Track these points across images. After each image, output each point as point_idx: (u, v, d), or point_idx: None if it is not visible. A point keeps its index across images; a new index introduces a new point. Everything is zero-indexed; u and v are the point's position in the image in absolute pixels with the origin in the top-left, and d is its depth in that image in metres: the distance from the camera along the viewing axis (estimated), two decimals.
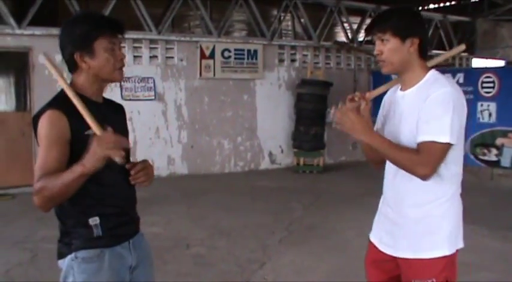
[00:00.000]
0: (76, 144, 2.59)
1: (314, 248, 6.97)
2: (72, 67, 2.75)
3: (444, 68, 14.73)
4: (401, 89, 2.97)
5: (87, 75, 2.73)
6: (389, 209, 3.06)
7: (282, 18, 14.80)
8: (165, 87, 12.44)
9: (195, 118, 12.82)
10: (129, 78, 11.83)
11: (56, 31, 11.07)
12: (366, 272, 3.24)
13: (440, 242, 2.84)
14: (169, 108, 12.50)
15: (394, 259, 2.98)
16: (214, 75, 12.93)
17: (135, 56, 12.10)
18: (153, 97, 12.21)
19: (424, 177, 2.71)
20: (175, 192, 10.37)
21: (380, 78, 14.66)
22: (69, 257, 2.72)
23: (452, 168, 2.81)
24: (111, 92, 11.49)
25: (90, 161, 2.41)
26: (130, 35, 11.91)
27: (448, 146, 2.68)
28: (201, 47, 12.78)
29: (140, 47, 12.19)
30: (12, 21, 10.81)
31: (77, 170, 2.42)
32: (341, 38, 16.38)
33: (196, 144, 12.76)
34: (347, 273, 6.01)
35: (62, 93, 2.70)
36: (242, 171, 13.21)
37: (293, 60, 14.26)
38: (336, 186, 11.48)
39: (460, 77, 12.77)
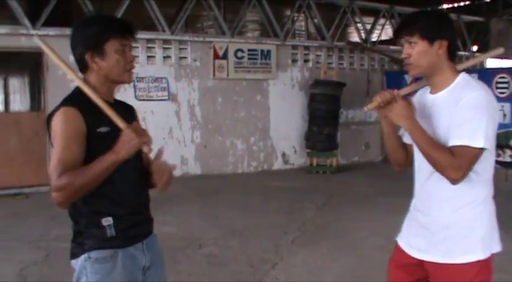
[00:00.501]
0: (90, 141, 2.63)
1: (327, 248, 6.97)
2: (83, 67, 2.78)
3: None
4: (431, 92, 2.93)
5: (98, 75, 2.76)
6: (419, 213, 3.02)
7: (295, 18, 14.79)
8: (179, 87, 12.46)
9: (208, 118, 12.83)
10: (142, 78, 11.86)
11: (69, 32, 11.13)
12: (389, 274, 3.20)
13: (474, 246, 2.79)
14: (182, 109, 12.52)
15: (421, 263, 2.94)
16: (227, 75, 12.94)
17: (148, 56, 12.13)
18: (166, 97, 12.23)
19: (454, 181, 2.67)
20: (188, 192, 10.39)
21: (393, 79, 14.67)
22: (82, 257, 2.72)
23: (485, 171, 2.78)
24: (125, 92, 11.53)
25: (124, 148, 2.50)
26: (143, 35, 11.96)
27: (482, 150, 2.65)
28: (214, 47, 12.79)
29: (154, 47, 12.21)
30: (26, 21, 10.86)
31: (110, 158, 2.50)
32: (354, 38, 16.37)
33: (209, 145, 12.78)
34: (359, 273, 6.01)
35: (76, 91, 2.74)
36: (255, 172, 13.21)
37: (306, 61, 14.24)
38: (348, 186, 11.46)
39: (474, 77, 12.63)
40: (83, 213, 2.73)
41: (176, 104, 12.43)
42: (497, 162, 12.25)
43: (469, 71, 13.55)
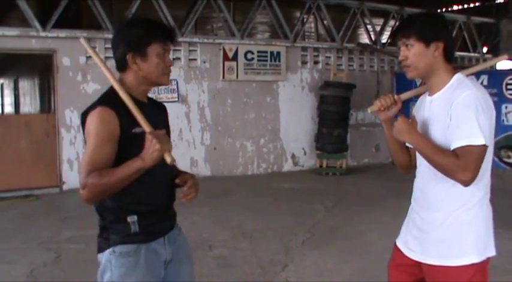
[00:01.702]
0: (123, 141, 2.73)
1: (337, 250, 6.95)
2: (122, 66, 2.86)
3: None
4: (429, 95, 2.95)
5: (136, 75, 2.84)
6: (416, 214, 3.02)
7: (305, 20, 14.78)
8: (188, 89, 12.47)
9: (218, 120, 12.84)
10: None
11: (79, 33, 11.18)
12: (389, 275, 3.21)
13: (468, 249, 2.79)
14: (192, 110, 12.52)
15: (419, 264, 2.95)
16: (237, 77, 12.94)
17: None
18: (176, 99, 12.24)
19: (466, 183, 2.65)
20: (198, 193, 10.38)
21: (403, 81, 14.63)
22: (107, 251, 2.82)
23: (482, 171, 2.75)
24: None
25: (148, 155, 2.57)
26: None
27: (484, 147, 2.65)
28: (224, 49, 12.79)
29: None
30: (36, 23, 10.89)
31: (136, 164, 2.59)
32: (364, 39, 16.35)
33: (219, 146, 12.78)
34: (370, 275, 5.99)
35: (110, 90, 2.83)
36: (265, 173, 13.20)
37: (316, 62, 14.23)
38: (359, 188, 11.43)
39: (484, 78, 12.68)
40: (110, 209, 2.82)
41: (186, 105, 12.44)
42: (507, 164, 12.26)
43: (479, 72, 13.54)
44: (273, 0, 13.44)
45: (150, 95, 3.05)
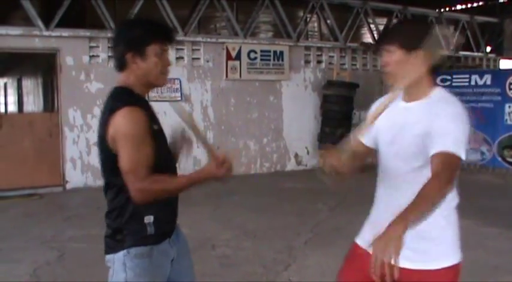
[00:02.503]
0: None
1: (340, 250, 6.91)
2: (122, 65, 2.89)
3: (472, 70, 14.64)
4: (405, 100, 2.91)
5: (135, 75, 2.87)
6: (386, 221, 2.99)
7: (308, 19, 14.77)
8: (191, 88, 12.48)
9: (221, 119, 12.84)
10: None
11: (83, 33, 11.19)
12: (341, 273, 3.23)
13: (449, 251, 2.83)
14: (195, 110, 12.53)
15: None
16: (240, 76, 12.94)
17: None
18: (179, 98, 12.24)
19: (450, 192, 2.62)
20: (200, 193, 10.36)
21: None
22: (121, 252, 2.83)
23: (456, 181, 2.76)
24: None
25: (223, 174, 2.98)
26: None
27: (460, 160, 2.62)
28: (227, 48, 12.80)
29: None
30: (40, 22, 10.91)
31: (193, 180, 2.87)
32: (367, 39, 16.31)
33: (222, 146, 12.76)
34: None
35: (123, 90, 2.89)
36: (268, 173, 13.20)
37: (319, 62, 14.22)
38: (362, 187, 11.36)
39: (488, 78, 12.70)
40: (127, 210, 2.83)
41: (189, 105, 12.43)
42: (510, 163, 12.25)
43: (482, 72, 13.56)
44: None
45: (153, 94, 3.12)
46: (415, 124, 2.78)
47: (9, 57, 14.09)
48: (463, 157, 2.60)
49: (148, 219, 2.82)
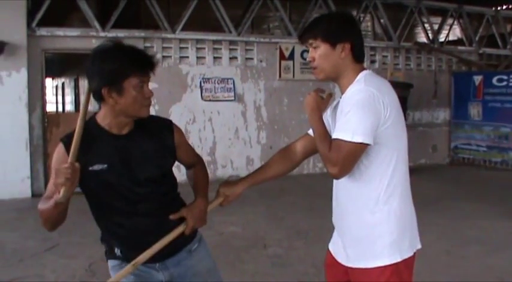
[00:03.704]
0: None
1: None
2: (99, 99, 2.71)
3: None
4: (342, 94, 2.91)
5: (113, 109, 2.69)
6: (337, 215, 3.04)
7: (361, 18, 14.67)
8: (245, 88, 12.54)
9: (274, 119, 12.87)
10: (208, 79, 12.00)
11: (138, 33, 11.36)
12: (325, 274, 3.19)
13: (381, 250, 2.75)
14: (248, 109, 12.59)
15: (345, 268, 2.93)
16: (293, 76, 12.95)
17: (215, 57, 12.26)
18: (232, 98, 12.32)
19: (334, 176, 2.65)
20: (253, 192, 10.38)
21: (461, 80, 14.47)
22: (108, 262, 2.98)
23: (379, 170, 2.73)
24: (192, 93, 11.72)
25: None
26: (210, 36, 12.15)
27: (356, 145, 2.58)
28: (280, 48, 12.82)
29: (220, 48, 12.32)
30: (96, 24, 11.13)
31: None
32: (421, 38, 16.17)
33: (275, 145, 12.79)
34: (424, 277, 5.92)
35: (87, 122, 2.75)
36: (321, 173, 13.15)
37: (373, 62, 14.12)
38: (414, 189, 11.18)
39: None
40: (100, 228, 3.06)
41: (242, 104, 12.50)
42: None
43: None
44: None
45: (206, 94, 3.12)
46: (339, 115, 2.77)
47: (67, 58, 14.40)
48: (349, 139, 2.57)
49: (112, 244, 2.93)
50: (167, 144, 2.90)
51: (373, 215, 2.76)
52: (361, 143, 2.57)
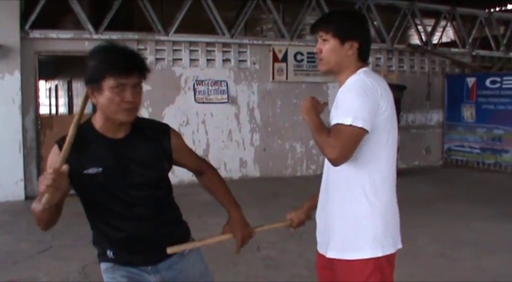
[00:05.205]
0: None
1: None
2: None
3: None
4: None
5: (100, 111, 2.70)
6: (322, 206, 3.07)
7: None
8: (238, 90, 12.54)
9: (268, 121, 12.87)
10: (202, 81, 12.01)
11: (131, 35, 11.36)
12: (317, 275, 3.24)
13: (364, 243, 2.78)
14: (242, 111, 12.60)
15: (331, 261, 2.95)
16: (286, 78, 12.96)
17: (208, 60, 12.26)
18: (226, 100, 12.32)
19: (333, 161, 2.64)
20: (247, 194, 10.43)
21: (455, 82, 14.50)
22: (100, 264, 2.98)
23: (371, 162, 2.77)
24: (185, 96, 11.73)
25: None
26: (203, 38, 12.17)
27: (356, 129, 2.62)
28: (273, 50, 12.84)
29: (213, 51, 12.33)
30: (89, 26, 11.14)
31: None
32: (415, 40, 16.18)
33: (268, 147, 12.81)
34: (418, 280, 5.94)
35: (83, 124, 2.78)
36: (314, 175, 13.16)
37: None
38: (408, 191, 11.30)
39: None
40: (92, 229, 3.09)
41: (235, 106, 12.51)
42: None
43: None
44: (322, 1, 13.42)
45: (200, 96, 3.10)
46: (335, 107, 2.83)
47: (60, 60, 14.38)
48: (349, 123, 2.61)
49: (105, 247, 2.92)
50: (164, 148, 2.87)
51: (359, 207, 2.80)
52: (361, 128, 2.62)
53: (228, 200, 3.12)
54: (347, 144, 2.61)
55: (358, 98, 2.66)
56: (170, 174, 2.97)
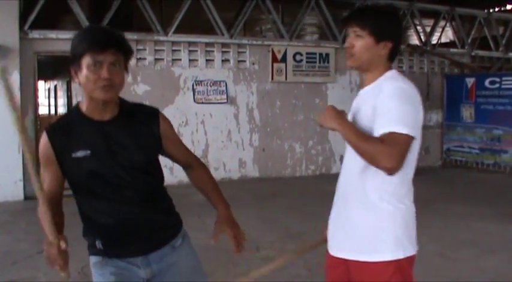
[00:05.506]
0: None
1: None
2: None
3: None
4: (362, 88, 2.98)
5: (83, 91, 2.70)
6: (339, 209, 3.05)
7: None
8: (237, 90, 12.54)
9: (267, 121, 12.87)
10: (201, 81, 12.00)
11: (130, 36, 11.34)
12: (326, 275, 3.22)
13: (385, 245, 2.77)
14: (241, 112, 12.59)
15: (346, 262, 2.93)
16: (286, 78, 12.95)
17: (207, 60, 12.26)
18: (225, 100, 12.32)
19: (391, 170, 2.56)
20: (246, 194, 10.43)
21: (454, 82, 14.49)
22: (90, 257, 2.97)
23: (403, 168, 2.71)
24: (184, 96, 11.72)
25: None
26: (202, 39, 12.16)
27: (409, 138, 2.59)
28: (272, 50, 12.83)
29: (212, 51, 12.32)
30: None
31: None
32: (414, 41, 16.18)
33: (267, 148, 12.81)
34: (418, 279, 5.92)
35: (73, 108, 2.85)
36: (313, 175, 13.18)
37: None
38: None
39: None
40: (82, 221, 3.04)
41: (235, 107, 12.50)
42: None
43: None
44: (321, 1, 13.42)
45: (199, 96, 3.08)
46: (362, 108, 2.83)
47: (59, 61, 14.35)
48: (406, 132, 2.57)
49: (94, 238, 2.92)
50: (153, 132, 2.86)
51: (381, 209, 2.79)
52: (413, 137, 2.62)
53: (217, 197, 3.05)
54: (404, 153, 2.58)
55: (407, 107, 2.63)
56: (169, 174, 2.97)
